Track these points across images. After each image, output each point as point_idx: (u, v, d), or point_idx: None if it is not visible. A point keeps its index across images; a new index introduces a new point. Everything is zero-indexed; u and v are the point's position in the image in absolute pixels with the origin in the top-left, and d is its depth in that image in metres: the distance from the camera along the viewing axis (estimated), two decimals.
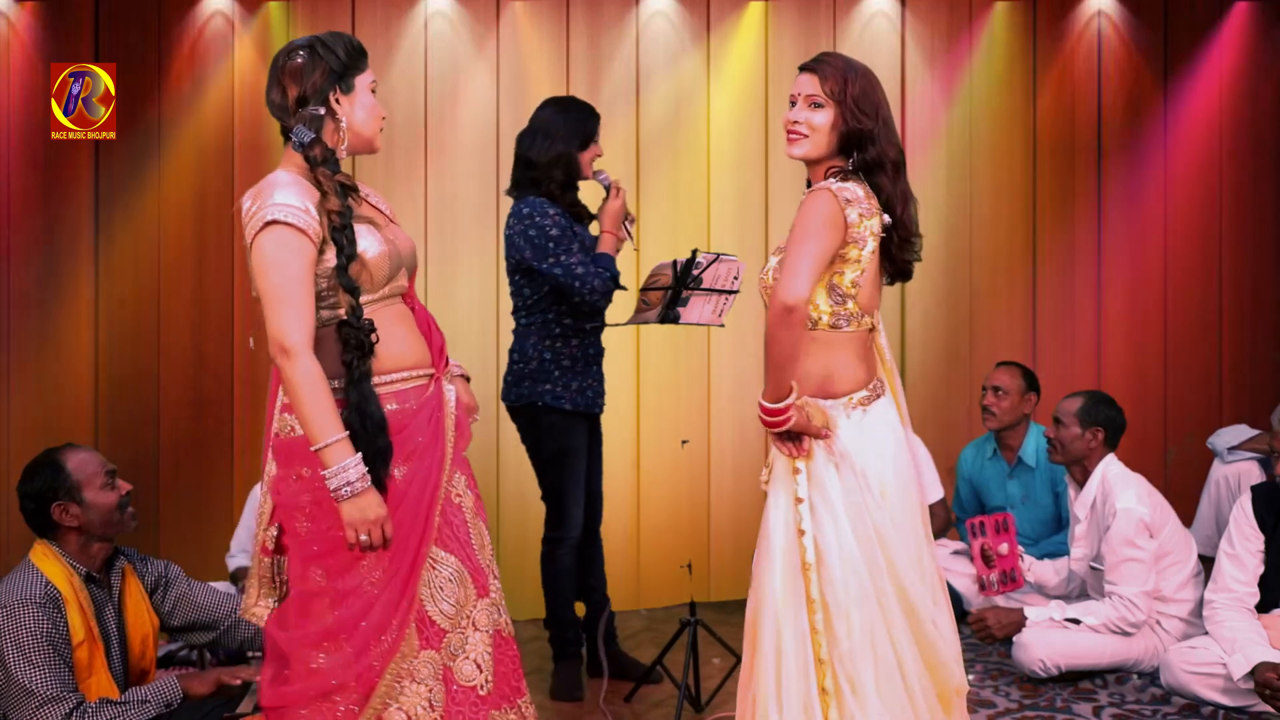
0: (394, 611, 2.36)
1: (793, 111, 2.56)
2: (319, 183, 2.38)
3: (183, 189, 5.14)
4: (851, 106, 2.52)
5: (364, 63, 2.48)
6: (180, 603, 3.25)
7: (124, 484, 3.11)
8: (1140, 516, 3.90)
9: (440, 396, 2.51)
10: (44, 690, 2.81)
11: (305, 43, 2.45)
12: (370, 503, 2.30)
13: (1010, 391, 4.68)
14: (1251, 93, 5.76)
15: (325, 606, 2.38)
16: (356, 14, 5.16)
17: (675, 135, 5.29)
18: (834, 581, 2.44)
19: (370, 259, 2.41)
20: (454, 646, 2.45)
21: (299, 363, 2.26)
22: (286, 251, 2.29)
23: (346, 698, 2.36)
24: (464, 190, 5.17)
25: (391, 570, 2.37)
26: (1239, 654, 3.58)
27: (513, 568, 5.12)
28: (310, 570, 2.40)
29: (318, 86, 2.42)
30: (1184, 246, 5.75)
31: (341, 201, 2.38)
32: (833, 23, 5.44)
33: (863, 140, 2.54)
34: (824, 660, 2.41)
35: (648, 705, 3.91)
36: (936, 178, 5.56)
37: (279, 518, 2.46)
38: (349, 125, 2.45)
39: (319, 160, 2.39)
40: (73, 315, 5.11)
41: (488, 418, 5.20)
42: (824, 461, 2.50)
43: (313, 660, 2.37)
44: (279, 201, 2.31)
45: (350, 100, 2.45)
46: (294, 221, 2.30)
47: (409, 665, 2.38)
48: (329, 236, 2.36)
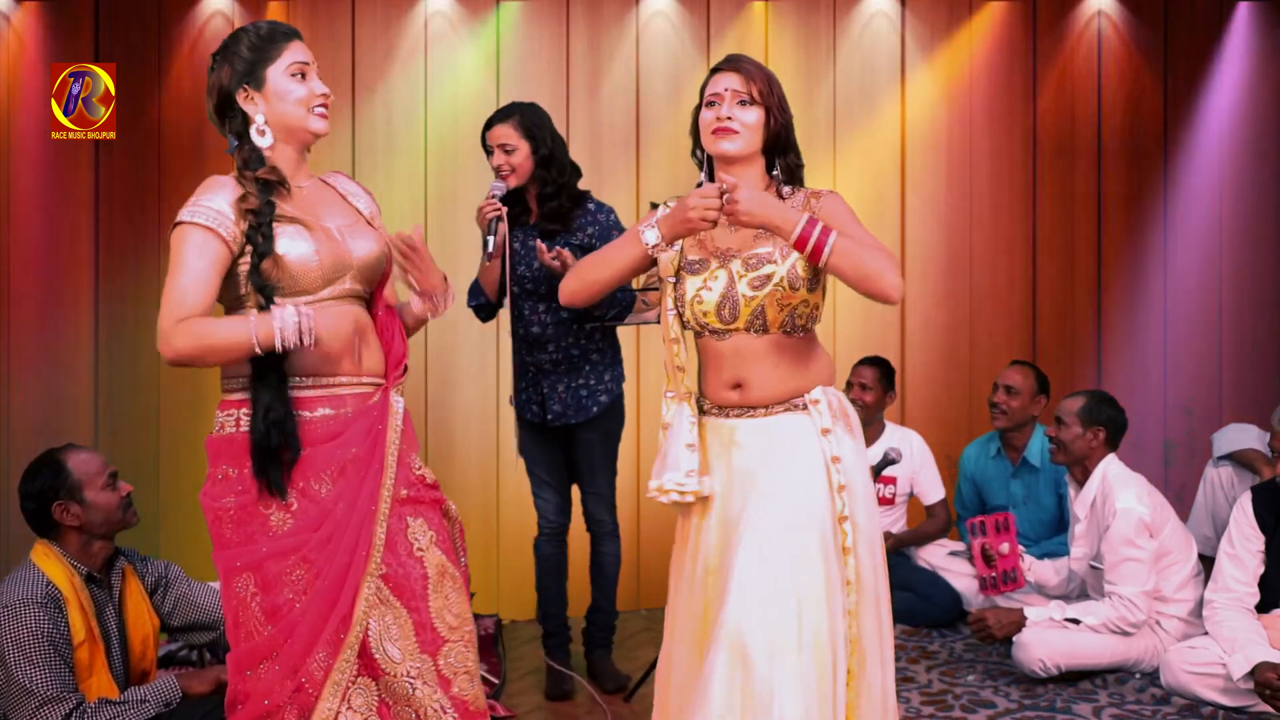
0: (321, 629, 2.27)
1: (721, 108, 2.52)
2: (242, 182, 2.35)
3: (183, 189, 5.07)
4: (778, 106, 2.55)
5: (277, 49, 2.38)
6: (180, 603, 3.25)
7: (125, 485, 3.10)
8: (1140, 516, 3.90)
9: (385, 407, 2.41)
10: (44, 690, 2.81)
11: (219, 47, 2.42)
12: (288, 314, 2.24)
13: (1022, 391, 4.67)
14: (1252, 92, 5.76)
15: (256, 622, 2.31)
16: (356, 14, 5.16)
17: (675, 135, 5.29)
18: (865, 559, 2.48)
19: (292, 260, 2.33)
20: (397, 691, 2.33)
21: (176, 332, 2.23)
22: (189, 249, 2.29)
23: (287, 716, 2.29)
24: (464, 190, 5.17)
25: (316, 588, 2.28)
26: (1239, 654, 3.58)
27: (513, 568, 5.13)
28: (235, 581, 2.32)
29: (226, 91, 2.39)
30: (1184, 246, 5.75)
31: (261, 200, 2.32)
32: (833, 23, 5.45)
33: (787, 144, 2.58)
34: (854, 640, 2.43)
35: (648, 705, 3.90)
36: (936, 178, 5.57)
37: (208, 519, 2.37)
38: (267, 119, 2.38)
39: (241, 162, 2.38)
40: (73, 315, 5.11)
41: (487, 417, 5.21)
42: (854, 448, 2.53)
43: (248, 680, 2.31)
44: (200, 203, 2.31)
45: (264, 94, 2.38)
46: (203, 221, 2.29)
47: (345, 690, 2.29)
48: (245, 235, 2.31)
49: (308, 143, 2.45)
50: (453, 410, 5.14)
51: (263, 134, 2.38)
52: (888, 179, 5.51)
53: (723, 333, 2.54)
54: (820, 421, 2.50)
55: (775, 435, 2.52)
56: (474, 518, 5.16)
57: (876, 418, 4.86)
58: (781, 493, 2.46)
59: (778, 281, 2.48)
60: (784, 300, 2.49)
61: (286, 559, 2.30)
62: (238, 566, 2.32)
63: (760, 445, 2.53)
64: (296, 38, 2.42)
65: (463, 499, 5.13)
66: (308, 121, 2.40)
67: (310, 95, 2.40)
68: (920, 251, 5.56)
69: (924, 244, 5.56)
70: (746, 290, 2.48)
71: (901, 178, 5.53)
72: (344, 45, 5.15)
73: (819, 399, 2.52)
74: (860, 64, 5.48)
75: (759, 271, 2.49)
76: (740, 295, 2.49)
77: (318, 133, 2.43)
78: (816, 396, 2.52)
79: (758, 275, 2.49)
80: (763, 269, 2.49)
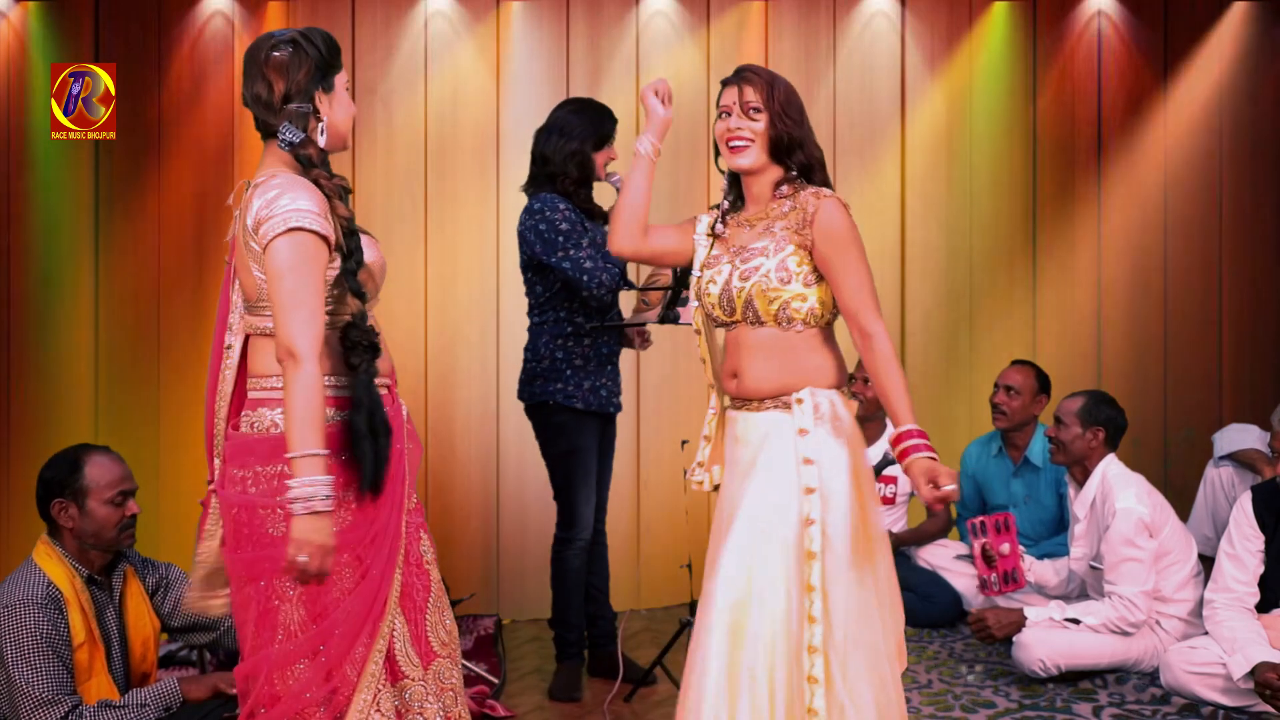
0: (361, 627, 2.29)
1: (732, 120, 2.64)
2: (319, 185, 2.34)
3: (183, 189, 5.14)
4: (780, 111, 2.62)
5: (339, 60, 2.46)
6: (181, 604, 3.24)
7: (134, 506, 3.07)
8: (1140, 516, 3.90)
9: (398, 405, 2.49)
10: (40, 692, 2.81)
11: (288, 37, 2.40)
12: (325, 526, 2.19)
13: (1023, 391, 4.67)
14: (1251, 92, 5.76)
15: (298, 622, 2.29)
16: (356, 14, 5.16)
17: (675, 135, 5.28)
18: (834, 568, 2.46)
19: (371, 266, 2.42)
20: (413, 697, 2.37)
21: (304, 368, 2.21)
22: (306, 257, 2.25)
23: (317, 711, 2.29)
24: (464, 190, 5.18)
25: (362, 587, 2.30)
26: (1239, 654, 3.58)
27: (513, 569, 5.13)
28: (276, 582, 2.29)
29: (303, 84, 2.37)
30: (1184, 246, 5.75)
31: (346, 206, 2.37)
32: (833, 23, 5.44)
33: (793, 145, 2.63)
34: (817, 648, 2.42)
35: (648, 705, 3.91)
36: (936, 178, 5.57)
37: (243, 519, 2.33)
38: (328, 124, 2.41)
39: (314, 162, 2.36)
40: (73, 315, 5.11)
41: (487, 417, 5.20)
42: (838, 453, 2.53)
43: (282, 679, 2.29)
44: (300, 207, 2.26)
45: (330, 99, 2.42)
46: (316, 228, 2.26)
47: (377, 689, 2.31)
48: (341, 242, 2.34)
49: (337, 151, 2.50)
50: (453, 410, 5.14)
51: (322, 135, 2.40)
52: (888, 179, 5.51)
53: (727, 324, 2.65)
54: (798, 421, 2.53)
55: (763, 431, 2.59)
56: (474, 518, 5.16)
57: (877, 415, 4.86)
58: (756, 491, 2.54)
59: (764, 273, 2.56)
60: (771, 292, 2.55)
61: (341, 555, 2.29)
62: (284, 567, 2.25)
63: (753, 440, 2.60)
64: None
65: (463, 499, 5.13)
66: (349, 135, 2.49)
67: (354, 111, 2.51)
68: (920, 251, 5.55)
69: (924, 244, 5.56)
70: (737, 282, 2.59)
71: (901, 178, 5.53)
72: (344, 45, 5.13)
73: (804, 399, 2.55)
74: (860, 64, 5.47)
75: (749, 264, 2.59)
76: (734, 286, 2.59)
77: (348, 147, 2.54)
78: (802, 396, 2.55)
79: (748, 267, 2.58)
80: (752, 261, 2.58)
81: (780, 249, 2.56)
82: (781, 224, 2.59)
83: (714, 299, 2.64)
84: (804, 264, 2.55)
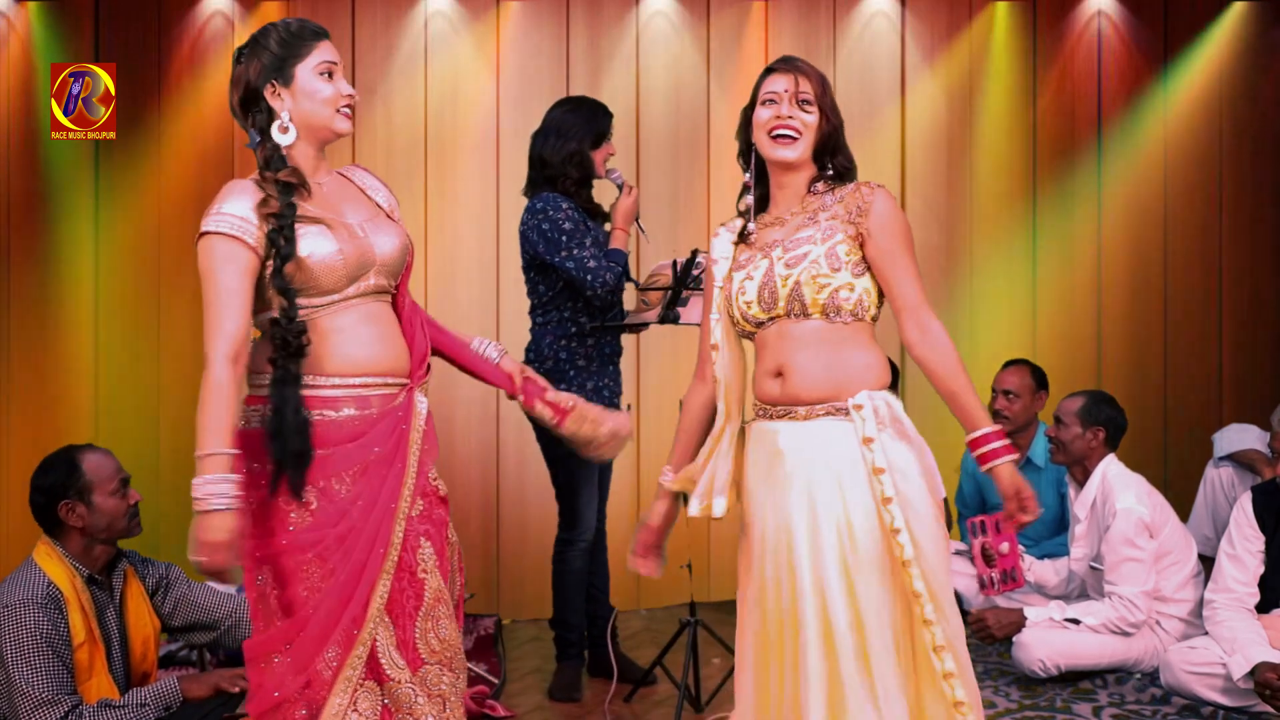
0: (333, 626, 2.28)
1: (783, 108, 2.48)
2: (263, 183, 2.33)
3: (183, 189, 5.14)
4: (830, 109, 2.52)
5: (307, 47, 2.38)
6: (181, 604, 3.25)
7: (134, 493, 3.10)
8: (1140, 516, 3.90)
9: (410, 407, 2.41)
10: (40, 692, 2.81)
11: (249, 40, 2.41)
12: (219, 526, 2.17)
13: (1022, 393, 4.64)
14: (1251, 92, 5.76)
15: (274, 614, 2.32)
16: (356, 14, 5.16)
17: (675, 135, 5.29)
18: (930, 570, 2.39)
19: (315, 261, 2.31)
20: (400, 698, 2.34)
21: (210, 371, 2.22)
22: (218, 260, 2.26)
23: (296, 711, 2.30)
24: (464, 190, 5.18)
25: (330, 585, 2.29)
26: (1239, 654, 3.58)
27: (513, 569, 5.14)
28: (255, 574, 2.33)
29: (254, 85, 2.37)
30: (1184, 246, 5.75)
31: (282, 202, 2.31)
32: (833, 23, 5.45)
33: (838, 146, 2.54)
34: (943, 645, 2.38)
35: (648, 705, 3.91)
36: (936, 178, 5.57)
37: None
38: (292, 117, 2.37)
39: (263, 162, 2.36)
40: (73, 315, 5.12)
41: (487, 417, 5.21)
42: (906, 453, 2.45)
43: (262, 670, 2.31)
44: (222, 211, 2.28)
45: (292, 91, 2.37)
46: (227, 230, 2.26)
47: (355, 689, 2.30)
48: (268, 239, 2.30)
49: (329, 141, 2.46)
50: (453, 410, 5.14)
51: (285, 131, 2.38)
52: (888, 179, 5.50)
53: (766, 321, 2.49)
54: (863, 429, 2.40)
55: (819, 441, 2.44)
56: (474, 518, 5.16)
57: None
58: (826, 506, 2.40)
59: (813, 259, 2.44)
60: (822, 279, 2.43)
61: (303, 554, 2.30)
62: (256, 559, 2.32)
63: (805, 451, 2.43)
64: (325, 37, 2.44)
65: (463, 499, 5.13)
66: (333, 121, 2.41)
67: (337, 95, 2.40)
68: (920, 252, 5.43)
69: (924, 244, 5.55)
70: (782, 270, 2.45)
71: (902, 178, 5.53)
72: (344, 45, 5.15)
73: (863, 403, 2.41)
74: (860, 64, 5.47)
75: (795, 251, 2.46)
76: (778, 276, 2.45)
77: (341, 133, 2.44)
78: (860, 401, 2.41)
79: (794, 255, 2.46)
80: (799, 249, 2.46)
81: (829, 238, 2.45)
82: (826, 215, 2.48)
83: (750, 297, 2.48)
84: (853, 253, 2.45)
